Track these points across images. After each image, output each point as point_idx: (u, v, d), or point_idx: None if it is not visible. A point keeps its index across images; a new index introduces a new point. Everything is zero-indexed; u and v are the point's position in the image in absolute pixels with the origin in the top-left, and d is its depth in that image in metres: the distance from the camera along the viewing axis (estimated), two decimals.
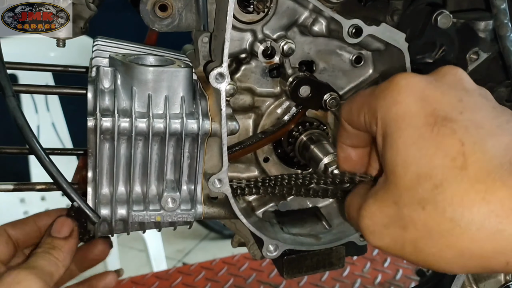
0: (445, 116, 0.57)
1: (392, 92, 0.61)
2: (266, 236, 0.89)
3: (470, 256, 0.55)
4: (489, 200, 0.53)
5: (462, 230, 0.54)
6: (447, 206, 0.54)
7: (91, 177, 0.82)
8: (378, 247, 0.62)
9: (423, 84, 0.60)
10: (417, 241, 0.57)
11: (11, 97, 0.74)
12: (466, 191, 0.54)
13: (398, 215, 0.58)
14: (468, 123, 0.56)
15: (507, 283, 0.96)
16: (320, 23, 0.87)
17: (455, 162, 0.55)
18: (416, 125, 0.58)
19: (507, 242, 0.53)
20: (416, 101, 0.59)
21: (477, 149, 0.55)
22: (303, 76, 0.87)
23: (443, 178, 0.55)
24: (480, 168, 0.54)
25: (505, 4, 0.85)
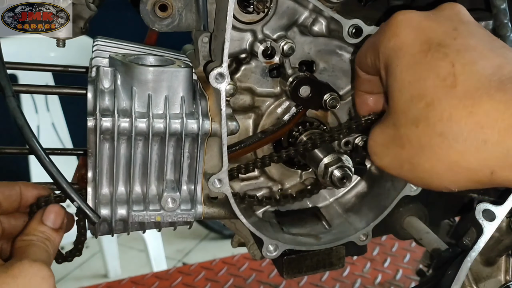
0: (439, 42, 0.61)
1: (391, 26, 0.65)
2: (266, 236, 0.89)
3: (458, 169, 0.58)
4: (475, 113, 0.56)
5: (450, 143, 0.57)
6: (437, 122, 0.58)
7: (91, 177, 0.82)
8: (381, 167, 0.66)
9: (420, 17, 0.64)
10: (413, 157, 0.61)
11: (11, 97, 0.74)
12: (455, 107, 0.57)
13: (396, 135, 0.63)
14: (460, 47, 0.60)
15: (507, 283, 0.96)
16: (320, 23, 0.87)
17: (446, 82, 0.58)
18: (411, 52, 0.62)
19: (491, 152, 0.55)
20: (413, 31, 0.63)
21: (467, 69, 0.58)
22: (303, 76, 0.87)
23: (435, 96, 0.58)
24: (468, 85, 0.57)
25: (505, 4, 0.85)
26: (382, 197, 0.96)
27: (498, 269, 0.97)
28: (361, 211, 0.99)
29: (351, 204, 1.01)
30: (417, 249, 2.08)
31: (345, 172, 0.86)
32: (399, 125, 0.62)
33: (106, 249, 3.21)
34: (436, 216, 1.11)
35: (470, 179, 0.59)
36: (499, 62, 0.59)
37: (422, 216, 1.07)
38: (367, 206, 0.99)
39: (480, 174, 0.57)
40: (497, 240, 0.93)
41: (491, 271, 0.97)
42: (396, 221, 1.06)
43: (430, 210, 1.08)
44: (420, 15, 0.65)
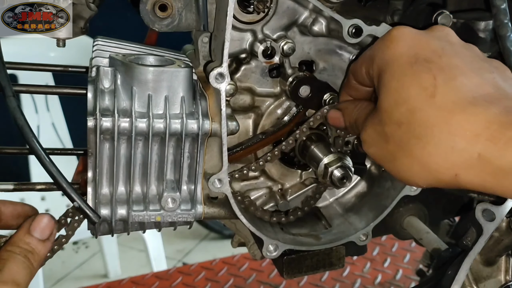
0: (425, 58, 0.69)
1: (386, 40, 0.73)
2: (266, 236, 0.89)
3: (428, 169, 0.65)
4: (448, 122, 0.63)
5: (424, 146, 0.65)
6: (416, 126, 0.66)
7: (91, 177, 0.82)
8: (369, 153, 0.75)
9: (412, 34, 0.72)
10: (394, 152, 0.69)
11: (11, 97, 0.74)
12: (432, 115, 0.65)
13: (383, 131, 0.71)
14: (444, 65, 0.68)
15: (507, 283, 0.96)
16: (320, 23, 0.87)
17: (427, 92, 0.66)
18: (400, 63, 0.70)
19: (456, 157, 0.63)
20: (404, 45, 0.71)
21: (447, 84, 0.66)
22: (303, 76, 0.87)
23: (416, 103, 0.66)
24: (446, 97, 0.65)
25: (505, 4, 0.85)
26: (382, 197, 0.96)
27: (498, 269, 0.97)
28: (361, 211, 0.99)
29: (351, 204, 1.01)
30: (417, 249, 2.08)
31: (345, 172, 0.86)
32: (384, 124, 0.70)
33: (106, 249, 3.21)
34: (436, 216, 1.11)
35: (437, 179, 0.66)
36: (476, 82, 0.66)
37: (422, 216, 1.07)
38: (367, 206, 0.99)
39: (446, 175, 0.64)
40: (497, 240, 0.93)
41: (491, 271, 0.97)
42: (396, 221, 1.06)
43: (430, 210, 1.08)
44: (413, 32, 0.72)
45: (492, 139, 0.60)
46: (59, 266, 3.49)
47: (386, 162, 0.72)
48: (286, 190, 0.97)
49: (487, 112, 0.62)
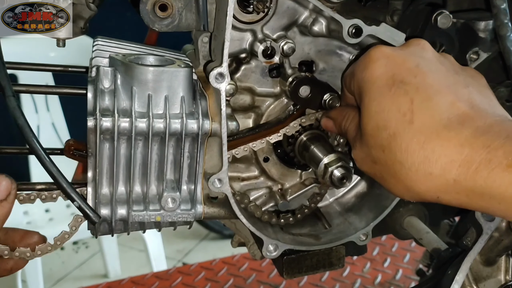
0: (401, 79, 0.71)
1: (364, 61, 0.76)
2: (266, 236, 0.89)
3: (413, 192, 0.69)
4: (425, 148, 0.66)
5: (406, 171, 0.68)
6: (398, 152, 0.69)
7: (91, 177, 0.82)
8: (363, 171, 0.78)
9: (389, 53, 0.74)
10: (382, 173, 0.73)
11: (11, 97, 0.74)
12: (411, 140, 0.68)
13: (370, 154, 0.74)
14: (419, 85, 0.70)
15: (507, 283, 0.96)
16: (320, 23, 0.87)
17: (405, 117, 0.69)
18: (378, 86, 0.72)
19: (435, 182, 0.66)
20: (381, 66, 0.73)
21: (423, 107, 0.68)
22: (303, 76, 0.87)
23: (396, 129, 0.69)
24: (423, 123, 0.68)
25: (505, 4, 0.85)
26: (382, 197, 0.96)
27: (498, 269, 0.97)
28: (361, 211, 0.99)
29: (351, 204, 1.01)
30: (417, 249, 2.08)
31: (345, 172, 0.86)
32: (370, 147, 0.74)
33: (106, 249, 3.21)
34: (436, 216, 1.11)
35: (422, 198, 0.70)
36: (451, 100, 0.69)
37: (422, 216, 1.07)
38: (367, 206, 0.99)
39: (428, 197, 0.69)
40: (497, 240, 0.93)
41: (491, 271, 0.97)
42: (396, 221, 1.06)
43: (430, 210, 1.08)
44: (390, 52, 0.75)
45: (464, 165, 0.64)
46: (59, 266, 3.49)
47: (377, 178, 0.76)
48: (286, 190, 0.97)
49: (459, 136, 0.65)
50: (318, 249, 0.95)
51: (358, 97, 0.77)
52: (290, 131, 0.90)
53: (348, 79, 0.80)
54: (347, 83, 0.81)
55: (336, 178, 0.86)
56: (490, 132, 0.65)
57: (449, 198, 0.67)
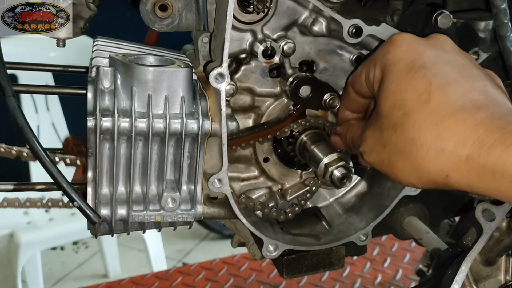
0: (421, 64, 0.73)
1: (387, 46, 0.77)
2: (266, 236, 0.89)
3: (422, 171, 0.69)
4: (439, 126, 0.67)
5: (418, 148, 0.68)
6: (410, 129, 0.69)
7: (91, 177, 0.82)
8: (370, 162, 0.78)
9: (412, 41, 0.76)
10: (390, 156, 0.73)
11: (11, 97, 0.74)
12: (425, 119, 0.68)
13: (381, 137, 0.74)
14: (438, 71, 0.72)
15: (507, 283, 0.96)
16: (320, 23, 0.87)
17: (422, 97, 0.70)
18: (399, 68, 0.74)
19: (446, 159, 0.66)
20: (403, 51, 0.75)
21: (440, 90, 0.69)
22: (303, 76, 0.87)
23: (411, 107, 0.70)
24: (439, 103, 0.68)
25: (505, 4, 0.85)
26: (382, 197, 0.96)
27: (498, 269, 0.97)
28: (361, 211, 0.99)
29: (351, 204, 1.01)
30: (417, 249, 2.08)
31: (345, 172, 0.86)
32: (383, 128, 0.74)
33: (106, 249, 3.21)
34: (436, 216, 1.11)
35: (430, 180, 0.69)
36: (467, 88, 0.70)
37: (422, 216, 1.07)
38: (367, 206, 0.99)
39: (438, 176, 0.68)
40: (497, 240, 0.93)
41: (491, 271, 0.97)
42: (396, 221, 1.06)
43: (430, 210, 1.08)
44: (412, 39, 0.76)
45: (478, 142, 0.64)
46: (59, 266, 3.49)
47: (384, 166, 0.75)
48: (286, 190, 0.97)
49: (475, 117, 0.66)
50: (318, 249, 0.95)
51: (378, 83, 0.77)
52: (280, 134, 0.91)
53: (366, 71, 0.80)
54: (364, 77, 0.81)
55: (336, 178, 0.86)
56: (505, 118, 0.65)
57: (458, 177, 0.67)
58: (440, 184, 0.69)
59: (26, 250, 2.61)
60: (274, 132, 0.91)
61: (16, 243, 2.59)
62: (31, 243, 2.61)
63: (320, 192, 1.00)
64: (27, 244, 2.60)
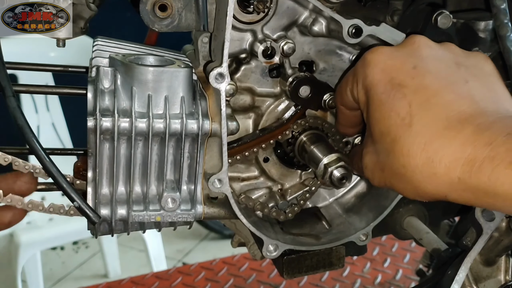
0: (399, 83, 0.71)
1: (362, 67, 0.76)
2: (266, 236, 0.89)
3: (421, 192, 0.69)
4: (427, 150, 0.66)
5: (411, 174, 0.68)
6: (400, 156, 0.69)
7: (91, 177, 0.82)
8: (376, 185, 0.78)
9: (385, 57, 0.74)
10: (390, 179, 0.73)
11: (11, 97, 0.74)
12: (412, 144, 0.68)
13: (378, 161, 0.75)
14: (417, 87, 0.70)
15: (507, 283, 0.96)
16: (320, 23, 0.87)
17: (404, 121, 0.69)
18: (378, 92, 0.73)
19: (440, 182, 0.66)
20: (379, 72, 0.73)
21: (421, 109, 0.68)
22: (303, 76, 0.87)
23: (397, 134, 0.70)
24: (422, 125, 0.68)
25: (505, 4, 0.85)
26: (382, 197, 0.96)
27: (498, 269, 0.97)
28: (361, 211, 0.99)
29: (351, 204, 1.01)
30: (417, 249, 2.08)
31: (344, 172, 0.86)
32: (378, 153, 0.74)
33: (106, 249, 3.21)
34: (436, 216, 1.11)
35: (431, 198, 0.70)
36: (449, 99, 0.68)
37: (422, 216, 1.07)
38: (367, 206, 0.99)
39: (437, 196, 0.68)
40: (497, 240, 0.93)
41: (491, 271, 0.97)
42: (396, 221, 1.06)
43: (430, 210, 1.08)
44: (386, 54, 0.74)
45: (468, 163, 0.63)
46: (59, 266, 3.50)
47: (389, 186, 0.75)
48: (286, 191, 0.97)
49: (460, 135, 0.65)
50: (318, 249, 0.95)
51: (364, 105, 0.77)
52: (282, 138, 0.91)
53: (350, 90, 0.79)
54: (348, 95, 0.80)
55: (335, 178, 0.86)
56: (491, 129, 0.64)
57: (455, 196, 0.67)
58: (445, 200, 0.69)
59: (26, 250, 2.61)
60: (276, 136, 0.91)
61: (16, 243, 2.59)
62: (31, 243, 2.62)
63: (320, 192, 1.00)
64: (27, 244, 2.60)
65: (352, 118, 0.85)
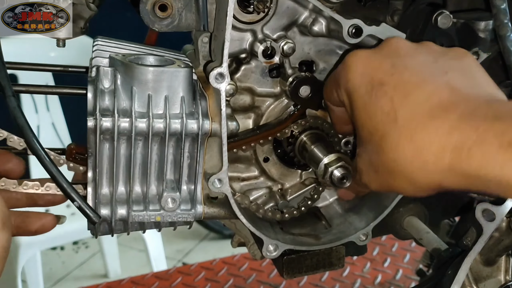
0: (379, 81, 0.72)
1: (343, 71, 0.76)
2: (266, 236, 0.89)
3: (417, 184, 0.69)
4: (414, 140, 0.67)
5: (403, 167, 0.69)
6: (390, 151, 0.70)
7: (91, 177, 0.82)
8: (375, 190, 0.78)
9: (365, 59, 0.75)
10: (386, 179, 0.73)
11: (11, 97, 0.74)
12: (399, 137, 0.68)
13: (370, 163, 0.75)
14: (396, 82, 0.71)
15: (507, 283, 0.96)
16: (320, 23, 0.87)
17: (389, 117, 0.70)
18: (360, 94, 0.74)
19: (432, 170, 0.66)
20: (359, 75, 0.74)
21: (403, 103, 0.69)
22: (303, 76, 0.87)
23: (384, 130, 0.70)
24: (405, 117, 0.68)
25: (505, 4, 0.85)
26: (382, 197, 0.96)
27: (498, 269, 0.97)
28: (361, 211, 0.99)
29: (351, 204, 1.01)
30: (417, 249, 2.08)
31: (345, 172, 0.85)
32: (369, 153, 0.75)
33: (106, 249, 3.21)
34: (436, 216, 1.11)
35: (428, 189, 0.69)
36: (429, 90, 0.69)
37: (422, 216, 1.07)
38: (367, 206, 0.99)
39: (432, 185, 0.68)
40: (497, 240, 0.93)
41: (491, 271, 0.97)
42: (396, 221, 1.06)
43: (430, 210, 1.08)
44: (365, 57, 0.75)
45: (456, 150, 0.63)
46: (59, 266, 3.50)
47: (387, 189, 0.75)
48: (286, 190, 0.97)
49: (445, 123, 0.65)
50: (318, 249, 0.95)
51: (349, 108, 0.77)
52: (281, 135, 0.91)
53: (335, 92, 0.80)
54: (335, 95, 0.80)
55: (336, 178, 0.86)
56: (476, 113, 0.64)
57: (449, 183, 0.67)
58: (438, 190, 0.69)
59: (26, 250, 2.61)
60: (275, 134, 0.91)
61: (16, 243, 2.59)
62: (31, 243, 2.61)
63: None
64: (27, 244, 2.60)
65: (343, 114, 0.84)
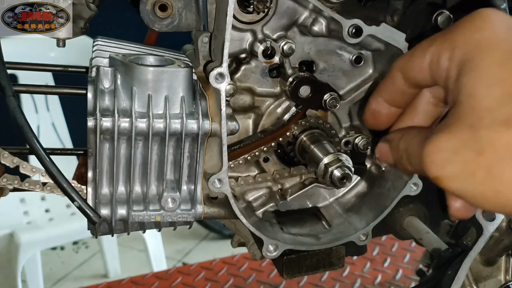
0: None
1: (474, 21, 0.60)
2: (266, 236, 0.89)
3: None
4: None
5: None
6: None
7: (91, 177, 0.82)
8: (440, 177, 0.57)
9: (508, 17, 0.60)
10: (493, 165, 0.53)
11: (11, 97, 0.74)
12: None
13: (474, 138, 0.54)
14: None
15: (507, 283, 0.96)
16: (320, 23, 0.87)
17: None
18: (504, 48, 0.56)
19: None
20: (504, 29, 0.58)
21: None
22: (303, 76, 0.87)
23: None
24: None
25: (505, 4, 0.85)
26: (382, 197, 0.96)
27: (498, 269, 0.97)
28: (361, 211, 0.99)
29: (351, 204, 1.01)
30: (417, 249, 2.08)
31: (345, 172, 0.86)
32: (480, 127, 0.54)
33: (106, 249, 3.21)
34: (436, 216, 1.11)
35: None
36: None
37: (422, 216, 1.07)
38: (367, 206, 0.99)
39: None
40: (497, 240, 0.93)
41: (491, 271, 0.97)
42: (396, 221, 1.06)
43: (430, 210, 1.08)
44: (507, 15, 0.61)
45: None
46: (59, 266, 3.50)
47: (475, 181, 0.55)
48: (286, 190, 0.97)
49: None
50: (318, 249, 0.95)
51: (459, 68, 0.59)
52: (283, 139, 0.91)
53: (436, 54, 0.62)
54: (425, 61, 0.63)
55: (336, 178, 0.86)
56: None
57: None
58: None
59: (26, 250, 2.61)
60: (277, 138, 0.91)
61: (16, 243, 2.59)
62: (31, 243, 2.62)
63: (320, 192, 1.00)
64: (27, 244, 2.60)
65: (402, 94, 0.68)
